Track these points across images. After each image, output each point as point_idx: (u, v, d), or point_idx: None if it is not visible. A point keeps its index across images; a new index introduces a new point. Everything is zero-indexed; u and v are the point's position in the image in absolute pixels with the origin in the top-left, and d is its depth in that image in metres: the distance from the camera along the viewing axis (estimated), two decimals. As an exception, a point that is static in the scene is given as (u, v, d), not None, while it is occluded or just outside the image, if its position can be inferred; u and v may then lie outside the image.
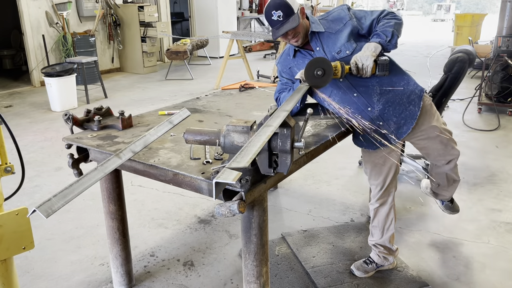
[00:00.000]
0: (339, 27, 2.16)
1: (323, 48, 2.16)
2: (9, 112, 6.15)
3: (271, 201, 3.44)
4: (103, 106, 2.27)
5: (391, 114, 2.18)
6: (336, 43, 2.15)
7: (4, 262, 1.50)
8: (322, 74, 1.93)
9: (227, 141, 1.54)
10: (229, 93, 3.03)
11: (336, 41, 2.15)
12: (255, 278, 1.76)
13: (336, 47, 2.14)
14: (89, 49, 7.97)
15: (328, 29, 2.17)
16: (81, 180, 1.32)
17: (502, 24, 6.06)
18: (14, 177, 1.78)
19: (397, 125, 2.20)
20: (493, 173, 3.92)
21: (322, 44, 2.17)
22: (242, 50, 7.80)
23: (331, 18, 2.20)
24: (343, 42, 2.13)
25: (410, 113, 2.20)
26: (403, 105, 2.18)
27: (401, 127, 2.21)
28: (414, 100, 2.19)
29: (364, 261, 2.52)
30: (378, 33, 2.05)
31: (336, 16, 2.20)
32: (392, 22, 2.08)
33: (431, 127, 2.26)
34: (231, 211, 1.40)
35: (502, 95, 5.64)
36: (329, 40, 2.16)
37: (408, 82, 2.20)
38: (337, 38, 2.15)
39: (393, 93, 2.16)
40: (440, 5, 20.63)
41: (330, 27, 2.18)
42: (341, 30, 2.15)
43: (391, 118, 2.18)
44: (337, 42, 2.15)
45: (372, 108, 2.16)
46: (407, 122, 2.21)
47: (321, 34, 2.17)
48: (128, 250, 2.41)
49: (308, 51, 2.20)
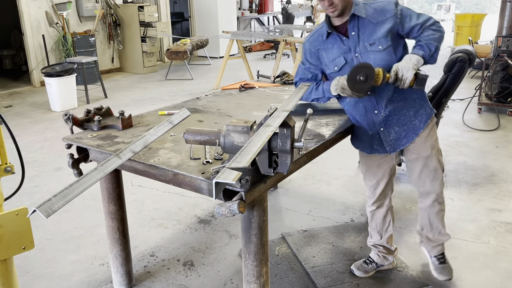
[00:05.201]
0: (381, 18, 2.04)
1: (358, 35, 2.05)
2: (9, 112, 6.15)
3: (271, 201, 3.44)
4: (103, 106, 2.27)
5: (394, 122, 2.14)
6: (372, 34, 2.04)
7: (4, 262, 1.50)
8: (364, 79, 1.88)
9: (227, 141, 1.54)
10: (229, 93, 3.03)
11: (374, 32, 2.04)
12: (255, 278, 1.76)
13: (371, 38, 2.04)
14: (89, 49, 7.96)
15: (370, 17, 2.05)
16: (81, 180, 1.32)
17: (502, 24, 6.06)
18: (14, 177, 1.78)
19: (397, 136, 2.17)
20: (493, 173, 3.92)
21: (358, 30, 2.05)
22: (242, 50, 7.80)
23: (376, 6, 2.07)
24: (380, 36, 2.03)
25: (413, 127, 2.16)
26: (409, 118, 2.14)
27: (400, 139, 2.18)
28: (422, 116, 2.16)
29: (364, 261, 2.52)
30: (422, 45, 1.98)
31: (381, 6, 2.06)
32: (437, 35, 2.00)
33: (426, 147, 2.20)
34: (231, 211, 1.40)
35: (502, 95, 5.64)
36: (366, 28, 2.05)
37: (421, 97, 2.16)
38: (375, 29, 2.03)
39: (403, 103, 2.12)
40: (440, 5, 20.61)
41: (372, 16, 2.05)
42: (382, 23, 2.03)
43: (393, 126, 2.15)
44: (374, 33, 2.04)
45: (378, 111, 2.12)
46: (407, 135, 2.17)
47: (361, 19, 2.05)
48: (128, 250, 2.41)
49: (341, 36, 2.09)
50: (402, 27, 2.04)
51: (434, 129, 2.23)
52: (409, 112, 2.14)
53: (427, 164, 2.23)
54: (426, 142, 2.19)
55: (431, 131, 2.20)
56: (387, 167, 2.31)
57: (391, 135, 2.16)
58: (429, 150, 2.21)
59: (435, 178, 2.26)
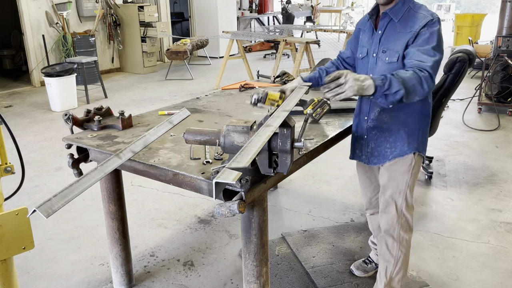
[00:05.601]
0: (405, 30, 1.82)
1: (381, 36, 1.89)
2: (9, 112, 6.15)
3: (271, 201, 3.44)
4: (103, 106, 2.27)
5: (374, 138, 2.01)
6: (390, 41, 1.86)
7: (4, 262, 1.50)
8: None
9: (227, 141, 1.54)
10: (229, 93, 3.02)
11: (393, 40, 1.85)
12: (255, 278, 1.76)
13: (387, 46, 1.87)
14: (89, 49, 7.96)
15: (400, 23, 1.85)
16: (81, 180, 1.32)
17: (502, 24, 6.06)
18: (14, 177, 1.78)
19: (371, 152, 2.04)
20: (493, 173, 3.92)
21: (384, 31, 1.89)
22: (242, 50, 7.80)
23: (412, 14, 1.83)
24: (393, 48, 1.84)
25: (384, 154, 2.00)
26: (385, 143, 1.98)
27: (374, 156, 2.04)
28: (396, 148, 1.96)
29: (363, 260, 2.52)
30: (389, 77, 1.64)
31: (416, 17, 1.82)
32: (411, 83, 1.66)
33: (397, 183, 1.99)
34: (231, 211, 1.40)
35: (502, 95, 5.64)
36: (390, 33, 1.87)
37: (410, 132, 1.94)
38: (396, 39, 1.85)
39: (388, 125, 1.96)
40: (440, 5, 20.61)
41: (401, 23, 1.84)
42: (403, 35, 1.82)
43: (371, 141, 2.03)
44: (392, 42, 1.85)
45: (368, 119, 2.01)
46: (378, 157, 2.02)
47: (392, 21, 1.86)
48: (128, 250, 2.41)
49: (373, 28, 1.95)
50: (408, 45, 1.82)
51: (406, 170, 1.98)
52: (389, 137, 1.97)
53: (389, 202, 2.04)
54: (390, 175, 2.01)
55: (400, 168, 1.98)
56: (374, 179, 2.22)
57: (369, 148, 2.05)
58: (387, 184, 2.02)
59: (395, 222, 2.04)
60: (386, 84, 1.63)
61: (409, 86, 1.65)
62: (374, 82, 1.62)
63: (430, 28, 1.77)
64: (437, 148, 4.49)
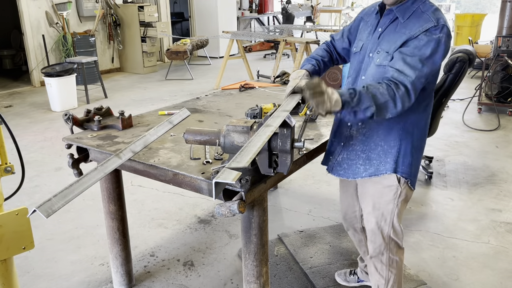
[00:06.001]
0: (403, 31, 1.61)
1: (381, 34, 1.70)
2: (9, 112, 6.15)
3: (271, 201, 3.44)
4: (103, 106, 2.27)
5: (348, 148, 1.81)
6: (385, 42, 1.66)
7: (4, 262, 1.50)
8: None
9: (227, 141, 1.54)
10: (229, 93, 3.03)
11: (388, 41, 1.65)
12: (255, 278, 1.76)
13: (381, 46, 1.67)
14: (89, 49, 7.96)
15: (403, 23, 1.63)
16: (81, 180, 1.32)
17: (502, 24, 6.06)
18: (14, 177, 1.78)
19: (339, 162, 1.85)
20: (493, 173, 3.92)
21: (385, 30, 1.69)
22: (242, 50, 7.80)
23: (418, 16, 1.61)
24: (390, 50, 1.62)
25: (355, 169, 1.80)
26: (357, 157, 1.79)
27: (340, 167, 1.85)
28: (370, 166, 1.76)
29: (350, 270, 2.43)
30: (358, 91, 1.47)
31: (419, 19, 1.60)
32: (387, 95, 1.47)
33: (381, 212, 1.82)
34: (231, 211, 1.40)
35: (502, 95, 5.64)
36: (389, 33, 1.67)
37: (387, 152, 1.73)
38: (391, 39, 1.64)
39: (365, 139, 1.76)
40: (440, 5, 20.62)
41: (405, 23, 1.63)
42: (400, 36, 1.62)
43: (346, 150, 1.83)
44: (387, 43, 1.65)
45: (351, 124, 1.79)
46: (346, 170, 1.83)
47: (397, 20, 1.66)
48: (128, 250, 2.41)
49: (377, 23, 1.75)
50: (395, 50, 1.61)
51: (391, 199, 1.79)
52: (362, 153, 1.77)
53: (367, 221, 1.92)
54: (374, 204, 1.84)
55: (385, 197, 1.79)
56: (350, 197, 2.06)
57: (339, 156, 1.85)
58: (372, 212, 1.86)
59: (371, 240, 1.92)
60: (354, 100, 1.45)
61: (380, 103, 1.47)
62: (341, 97, 1.44)
63: (430, 35, 1.54)
64: (437, 148, 4.49)
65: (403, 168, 1.73)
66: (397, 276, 1.95)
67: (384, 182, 1.77)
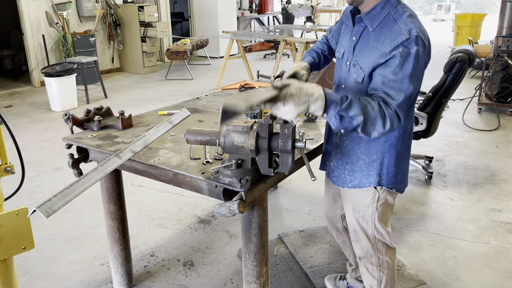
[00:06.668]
0: (376, 45, 1.51)
1: (356, 44, 1.61)
2: (9, 112, 6.15)
3: (271, 201, 3.44)
4: (103, 106, 2.27)
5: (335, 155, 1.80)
6: (360, 55, 1.58)
7: (4, 262, 1.50)
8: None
9: (227, 141, 1.53)
10: (229, 93, 3.03)
11: (362, 56, 1.57)
12: (255, 278, 1.76)
13: (357, 59, 1.59)
14: (89, 49, 7.96)
15: (374, 34, 1.54)
16: (81, 180, 1.32)
17: (502, 24, 6.06)
18: (14, 177, 1.78)
19: (332, 169, 1.83)
20: (493, 173, 3.92)
21: (359, 39, 1.60)
22: (242, 50, 7.80)
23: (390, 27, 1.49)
24: (364, 67, 1.55)
25: (344, 178, 1.77)
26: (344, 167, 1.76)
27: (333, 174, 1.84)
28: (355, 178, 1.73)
29: (340, 275, 2.38)
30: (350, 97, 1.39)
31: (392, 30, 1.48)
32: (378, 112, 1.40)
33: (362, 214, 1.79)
34: (231, 211, 1.40)
35: (502, 95, 5.64)
36: (363, 44, 1.58)
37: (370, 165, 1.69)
38: (365, 54, 1.55)
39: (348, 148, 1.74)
40: (440, 5, 20.64)
41: (375, 34, 1.53)
42: (372, 51, 1.52)
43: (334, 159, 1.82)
44: (361, 58, 1.57)
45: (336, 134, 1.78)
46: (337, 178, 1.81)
47: (367, 29, 1.57)
48: (128, 250, 2.41)
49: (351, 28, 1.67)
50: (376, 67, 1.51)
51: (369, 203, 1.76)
52: (346, 164, 1.75)
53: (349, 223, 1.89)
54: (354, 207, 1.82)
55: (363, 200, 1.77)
56: (332, 198, 2.06)
57: (331, 163, 1.84)
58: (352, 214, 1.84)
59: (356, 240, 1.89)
60: (344, 103, 1.36)
61: (370, 118, 1.39)
62: (325, 95, 1.33)
63: (404, 51, 1.43)
64: (437, 148, 4.49)
65: (388, 179, 1.70)
66: (389, 276, 1.93)
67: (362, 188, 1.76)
